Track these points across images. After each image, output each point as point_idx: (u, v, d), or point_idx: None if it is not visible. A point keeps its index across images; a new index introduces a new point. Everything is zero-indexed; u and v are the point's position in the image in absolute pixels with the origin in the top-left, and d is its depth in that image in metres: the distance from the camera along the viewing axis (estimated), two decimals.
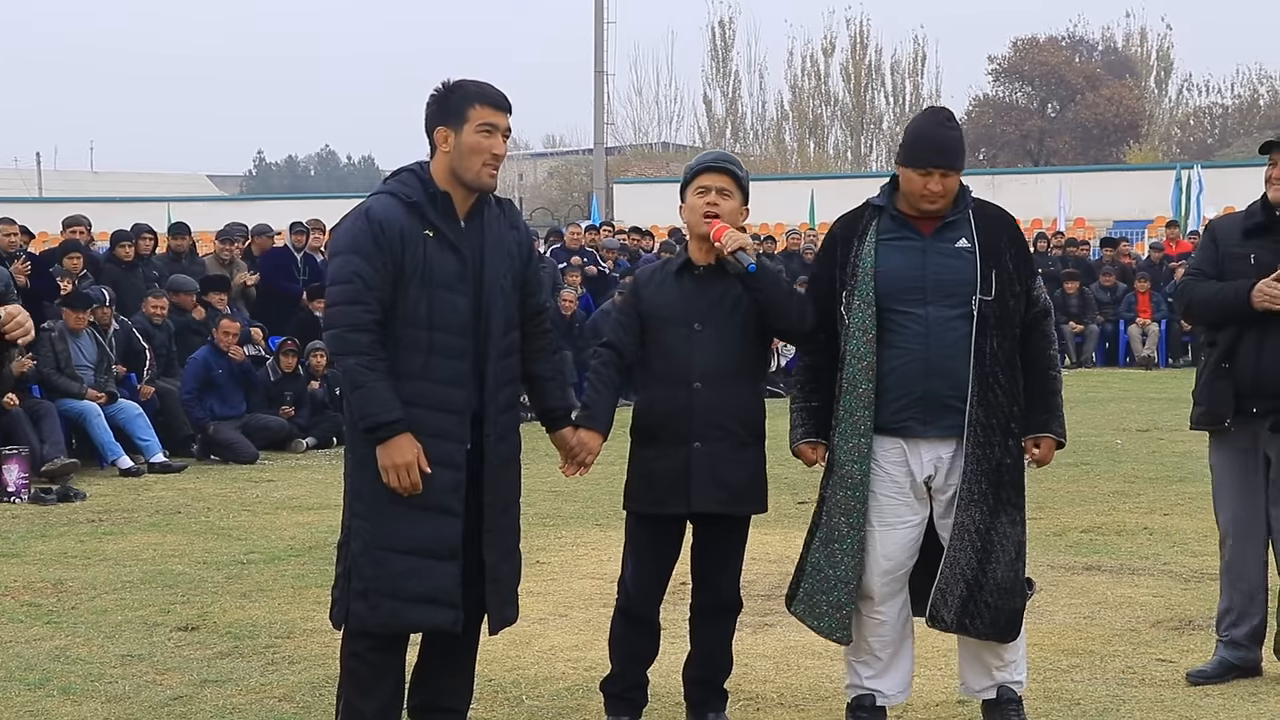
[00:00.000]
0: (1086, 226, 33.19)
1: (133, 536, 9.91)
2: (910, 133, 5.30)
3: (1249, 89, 62.48)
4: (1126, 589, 7.85)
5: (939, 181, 5.19)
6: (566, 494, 10.92)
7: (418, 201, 4.88)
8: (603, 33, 45.87)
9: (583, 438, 5.31)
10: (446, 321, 4.86)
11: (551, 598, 7.82)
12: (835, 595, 5.31)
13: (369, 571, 4.87)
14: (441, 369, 4.86)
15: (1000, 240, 5.29)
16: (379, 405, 4.75)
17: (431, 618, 4.91)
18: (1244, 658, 6.15)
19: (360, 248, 4.81)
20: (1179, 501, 10.65)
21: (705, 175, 5.39)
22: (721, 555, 5.48)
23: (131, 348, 14.23)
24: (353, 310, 4.78)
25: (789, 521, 9.85)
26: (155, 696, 6.09)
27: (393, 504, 4.82)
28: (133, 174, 70.73)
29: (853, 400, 5.25)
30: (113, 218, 22.92)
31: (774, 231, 27.75)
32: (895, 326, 5.22)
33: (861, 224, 5.37)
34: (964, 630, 5.26)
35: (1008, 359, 5.25)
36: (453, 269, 4.88)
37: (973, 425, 5.19)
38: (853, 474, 5.26)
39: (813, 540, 5.39)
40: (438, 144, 4.93)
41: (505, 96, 4.97)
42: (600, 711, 5.67)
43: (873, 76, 62.69)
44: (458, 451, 4.89)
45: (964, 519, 5.20)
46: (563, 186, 57.78)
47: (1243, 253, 6.05)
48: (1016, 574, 5.26)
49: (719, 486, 5.33)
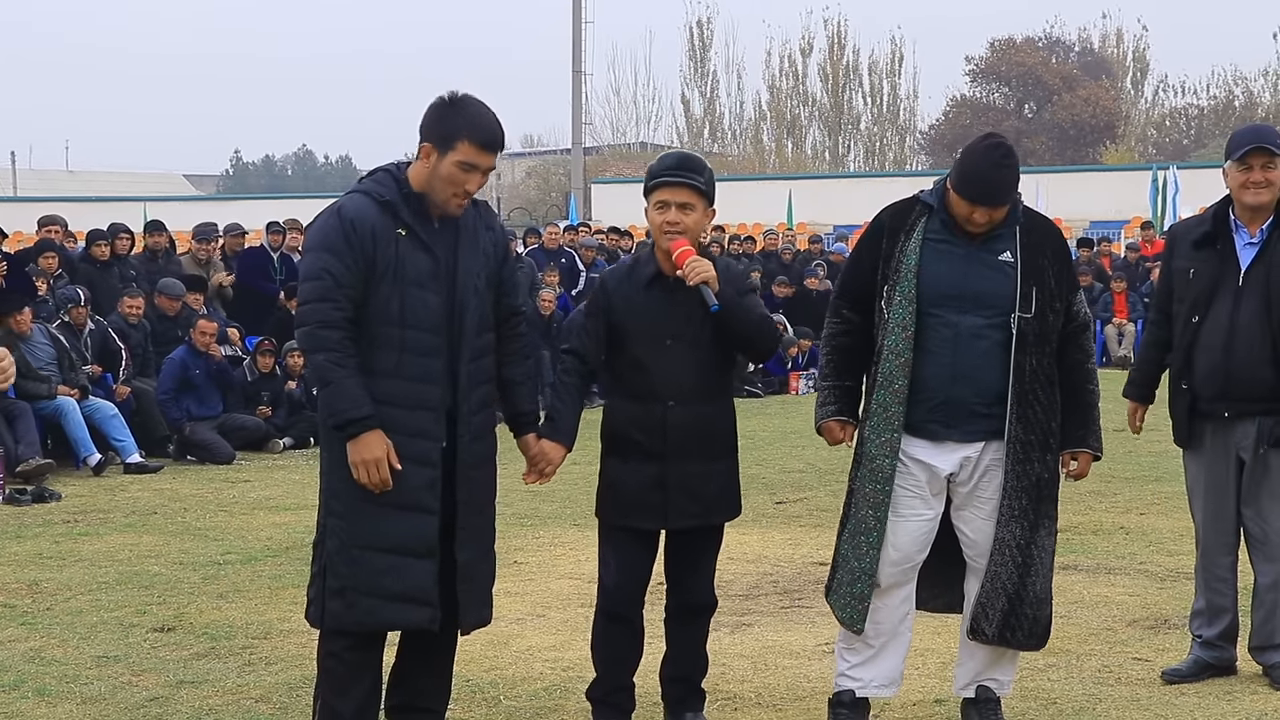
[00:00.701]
0: (1064, 227, 33.01)
1: (108, 537, 9.87)
2: (965, 163, 5.23)
3: (1224, 90, 62.75)
4: (1103, 588, 7.88)
5: (985, 214, 5.20)
6: (544, 494, 10.90)
7: (391, 200, 4.88)
8: (581, 32, 45.89)
9: (544, 448, 5.27)
10: (419, 319, 4.86)
11: (529, 598, 7.81)
12: (859, 586, 5.34)
13: (345, 570, 4.86)
14: (415, 367, 4.86)
15: (1044, 256, 5.30)
16: (349, 402, 4.75)
17: (409, 616, 4.91)
18: (1219, 657, 6.17)
19: (331, 245, 4.81)
20: (1155, 501, 10.69)
21: (664, 189, 5.27)
22: (697, 559, 5.47)
23: (107, 348, 14.17)
24: (323, 307, 4.78)
25: (766, 522, 9.87)
26: (131, 698, 6.07)
27: (369, 502, 4.82)
28: (109, 173, 70.51)
29: (888, 395, 5.26)
30: (88, 217, 22.81)
31: (752, 231, 27.71)
32: (928, 329, 5.24)
33: (910, 219, 5.36)
34: (1004, 642, 5.33)
35: (1047, 375, 5.28)
36: (425, 267, 4.88)
37: (1013, 442, 5.22)
38: (884, 468, 5.28)
39: (844, 532, 5.42)
40: (421, 154, 4.92)
41: (498, 136, 4.91)
42: (578, 711, 5.66)
43: (850, 77, 62.82)
44: (433, 449, 4.89)
45: (1005, 534, 5.25)
46: (541, 186, 57.80)
47: (1186, 267, 6.10)
48: (1049, 583, 5.36)
49: (693, 500, 5.31)
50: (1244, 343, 5.91)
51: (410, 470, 4.83)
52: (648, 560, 5.46)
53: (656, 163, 5.39)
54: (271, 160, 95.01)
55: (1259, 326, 5.90)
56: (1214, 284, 5.99)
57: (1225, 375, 5.94)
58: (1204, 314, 5.99)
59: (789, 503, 10.78)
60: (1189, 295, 6.05)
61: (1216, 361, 5.95)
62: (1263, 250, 5.96)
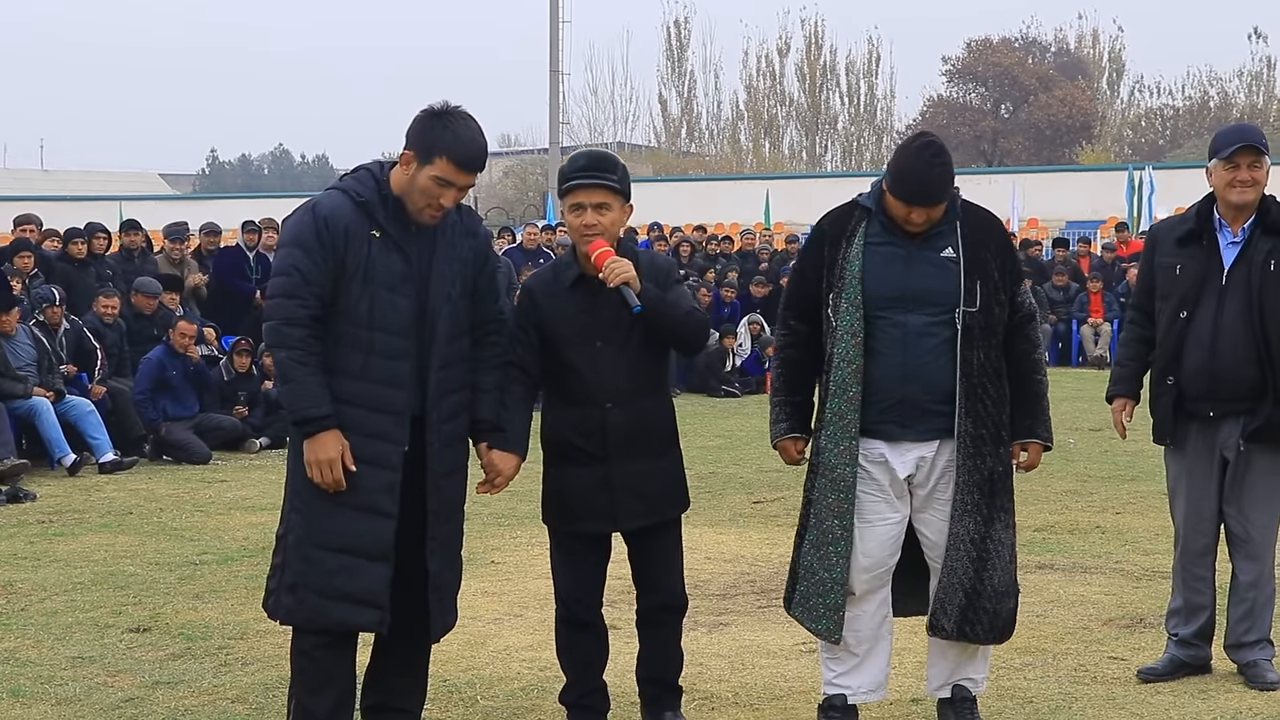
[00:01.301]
0: (1040, 227, 33.34)
1: (84, 537, 9.84)
2: (899, 164, 5.23)
3: (1199, 91, 63.02)
4: (1079, 587, 7.89)
5: (923, 213, 5.20)
6: (521, 494, 10.84)
7: (368, 200, 4.87)
8: (558, 32, 45.85)
9: (494, 459, 5.22)
10: (387, 322, 4.85)
11: (506, 598, 7.81)
12: (832, 597, 5.32)
13: (299, 566, 4.88)
14: (380, 369, 4.85)
15: (986, 249, 5.31)
16: (308, 399, 4.76)
17: (355, 617, 4.90)
18: (1194, 655, 6.19)
19: (302, 241, 4.81)
20: (1131, 500, 10.72)
21: (578, 192, 5.20)
22: (660, 558, 5.43)
23: (82, 347, 14.12)
24: (288, 304, 4.79)
25: (744, 521, 9.88)
26: (106, 699, 6.05)
27: (326, 501, 4.83)
28: (84, 172, 70.24)
29: (842, 404, 5.25)
30: (64, 216, 22.74)
31: (729, 231, 27.73)
32: (876, 332, 5.24)
33: (850, 224, 5.35)
34: (963, 636, 5.31)
35: (995, 368, 5.29)
36: (396, 270, 4.86)
37: (962, 437, 5.22)
38: (845, 477, 5.27)
39: (803, 543, 5.39)
40: (403, 160, 4.90)
41: (479, 157, 4.90)
42: (555, 711, 5.66)
43: (828, 77, 62.97)
44: (394, 453, 4.87)
45: (959, 529, 5.24)
46: (518, 186, 57.73)
47: (1171, 263, 6.10)
48: (1011, 577, 5.34)
49: (639, 499, 5.29)
50: (1228, 343, 5.93)
51: (368, 472, 4.83)
52: (600, 564, 5.44)
53: (567, 164, 5.33)
54: (248, 159, 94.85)
55: (1243, 326, 5.91)
56: (1200, 281, 6.00)
57: (1210, 375, 5.96)
58: (1192, 310, 6.00)
59: (766, 502, 10.78)
60: (1175, 291, 6.05)
61: (1202, 361, 5.97)
62: (1244, 249, 5.98)
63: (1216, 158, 6.00)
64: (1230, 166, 5.96)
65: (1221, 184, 6.00)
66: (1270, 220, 5.97)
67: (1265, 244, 5.96)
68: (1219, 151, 5.99)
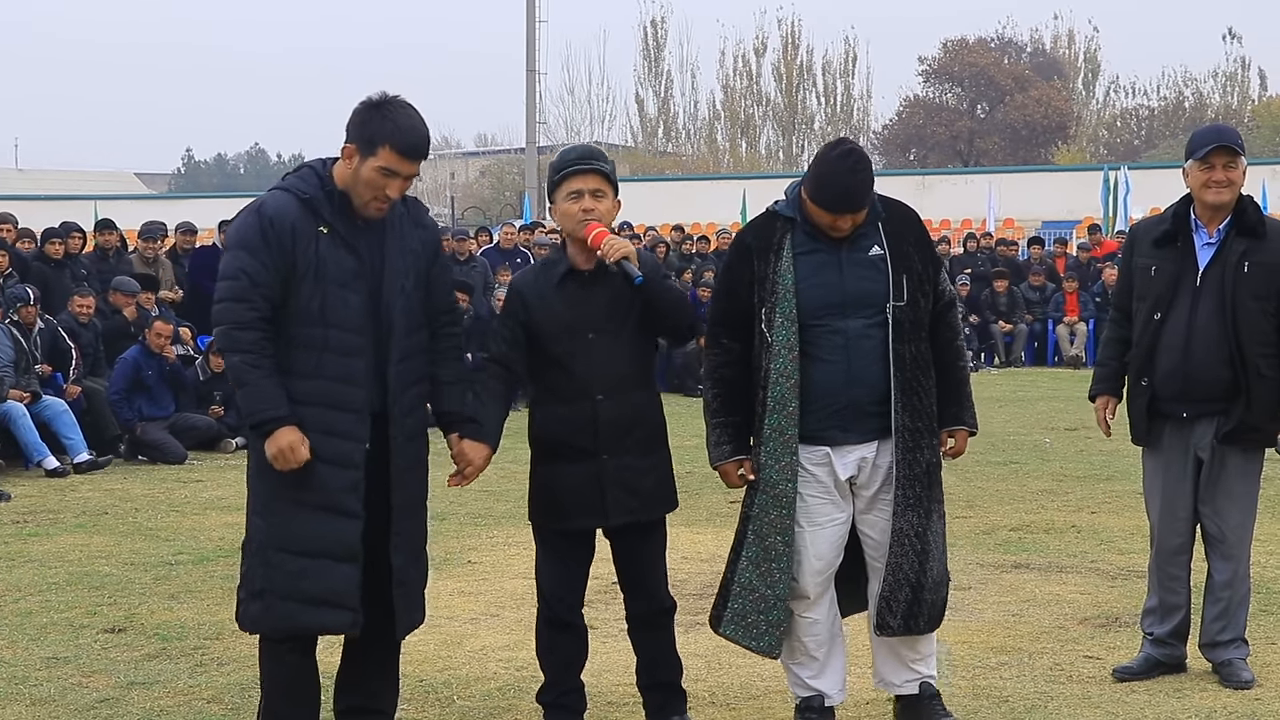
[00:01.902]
0: (1015, 227, 33.48)
1: (59, 538, 9.80)
2: (818, 174, 5.18)
3: (1174, 91, 63.32)
4: (1054, 586, 7.91)
5: (847, 220, 5.20)
6: (498, 493, 10.89)
7: (313, 198, 4.82)
8: (535, 31, 45.83)
9: (464, 449, 5.21)
10: (340, 319, 4.80)
11: (483, 598, 7.80)
12: (773, 614, 5.30)
13: (263, 572, 4.83)
14: (336, 366, 4.80)
15: (907, 243, 5.32)
16: (265, 402, 4.72)
17: (326, 620, 4.86)
18: (1169, 654, 6.21)
19: (248, 244, 4.76)
20: (1106, 499, 10.75)
21: (575, 179, 5.26)
22: (646, 559, 5.44)
23: (57, 347, 14.06)
24: (237, 308, 4.74)
25: (721, 520, 9.86)
26: (81, 699, 6.03)
27: (288, 504, 4.78)
28: (59, 171, 69.98)
29: (781, 419, 5.24)
30: (39, 216, 22.69)
31: (706, 231, 27.77)
32: (816, 340, 5.22)
33: (775, 237, 5.31)
34: (908, 630, 5.31)
35: (926, 360, 5.30)
36: (348, 266, 4.82)
37: (901, 432, 5.22)
38: (786, 493, 5.26)
39: (739, 560, 5.37)
40: (344, 154, 4.86)
41: (422, 144, 4.85)
42: (531, 711, 5.66)
43: (804, 77, 63.07)
44: (355, 451, 4.83)
45: (902, 525, 5.24)
46: (495, 185, 57.70)
47: (1148, 264, 6.12)
48: (944, 565, 5.37)
49: (631, 495, 5.29)
50: (1201, 344, 5.94)
51: (330, 472, 4.78)
52: (585, 564, 5.44)
53: (558, 159, 5.36)
54: (224, 159, 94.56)
55: (1216, 328, 5.93)
56: (1175, 283, 6.02)
57: (1184, 376, 5.97)
58: (1166, 312, 6.02)
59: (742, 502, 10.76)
60: (1150, 293, 6.07)
61: (1176, 362, 5.98)
62: (1219, 251, 5.99)
63: (1192, 158, 6.01)
64: (1205, 167, 5.97)
65: (1197, 185, 6.01)
66: (1246, 221, 5.99)
67: (1240, 245, 5.97)
68: (1194, 152, 6.00)
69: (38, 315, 13.93)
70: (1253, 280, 5.92)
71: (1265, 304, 5.93)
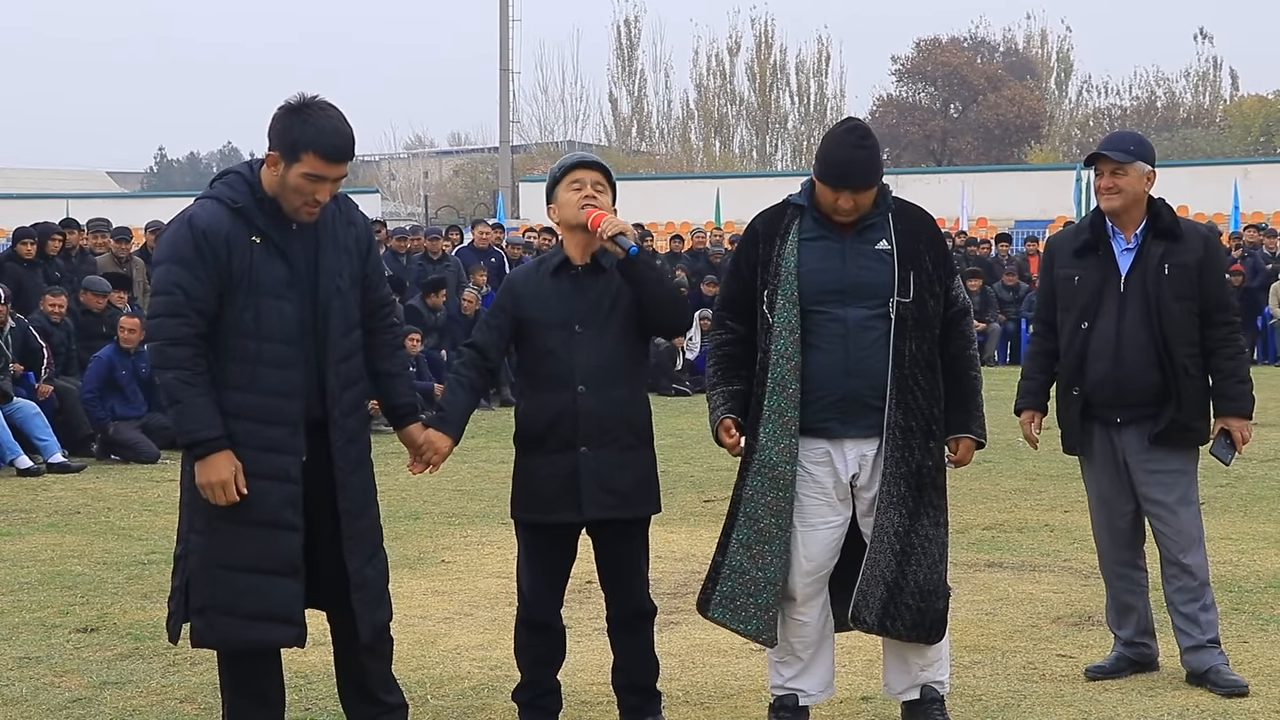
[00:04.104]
0: (989, 226, 33.51)
1: (31, 537, 9.77)
2: (825, 149, 5.24)
3: (1147, 90, 63.60)
4: (1028, 585, 7.94)
5: (850, 199, 5.20)
6: (471, 492, 10.88)
7: (244, 206, 4.74)
8: (508, 30, 45.84)
9: (430, 437, 5.20)
10: (274, 331, 4.73)
11: (457, 597, 7.79)
12: (763, 597, 5.28)
13: (204, 589, 4.77)
14: (270, 380, 4.73)
15: (919, 242, 5.32)
16: (197, 422, 4.65)
17: (271, 635, 4.82)
18: (1140, 653, 6.23)
19: (181, 257, 4.67)
20: (1079, 498, 10.70)
21: (579, 170, 5.34)
22: (626, 561, 5.43)
23: (29, 346, 14.01)
24: (171, 323, 4.66)
25: (694, 520, 9.88)
26: (54, 699, 6.01)
27: (227, 521, 4.70)
28: (30, 170, 69.65)
29: (782, 400, 5.23)
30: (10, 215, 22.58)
31: (680, 230, 27.75)
32: (815, 327, 5.23)
33: (784, 223, 5.35)
34: (885, 631, 5.28)
35: (927, 361, 5.28)
36: (280, 276, 4.75)
37: (891, 428, 5.21)
38: (785, 474, 5.24)
39: (729, 543, 5.34)
40: (268, 162, 4.78)
41: (345, 147, 4.77)
42: (506, 710, 5.66)
43: (778, 76, 63.14)
44: (291, 464, 4.77)
45: (884, 521, 5.22)
46: (469, 184, 57.67)
47: (1070, 274, 6.15)
48: (939, 576, 5.28)
49: (608, 491, 5.28)
50: (1131, 349, 5.98)
51: (267, 487, 4.72)
52: (565, 564, 5.44)
53: (563, 159, 5.47)
54: (196, 157, 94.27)
55: (1144, 332, 5.97)
56: (1099, 291, 6.06)
57: (1115, 382, 6.00)
58: (1093, 320, 6.05)
59: (716, 501, 10.77)
60: (1076, 302, 6.10)
61: (1107, 369, 6.01)
62: (1139, 256, 6.03)
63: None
64: (1097, 175, 6.06)
65: (1095, 192, 6.11)
66: (1161, 224, 6.03)
67: (1158, 248, 6.01)
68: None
69: (8, 314, 13.87)
70: (1174, 282, 5.97)
71: (1188, 304, 5.98)
